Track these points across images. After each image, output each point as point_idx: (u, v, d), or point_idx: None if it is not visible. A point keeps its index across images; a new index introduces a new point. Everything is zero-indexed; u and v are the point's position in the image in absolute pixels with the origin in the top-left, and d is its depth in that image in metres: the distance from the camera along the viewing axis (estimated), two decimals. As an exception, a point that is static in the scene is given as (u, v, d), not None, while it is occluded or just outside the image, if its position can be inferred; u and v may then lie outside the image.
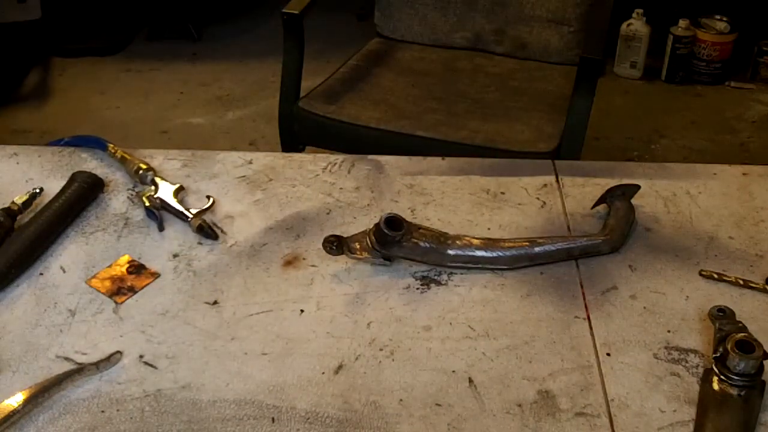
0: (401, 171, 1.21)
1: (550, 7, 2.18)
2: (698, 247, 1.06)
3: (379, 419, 0.83)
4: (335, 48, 2.93)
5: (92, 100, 3.13)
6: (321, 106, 1.94)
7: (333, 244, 1.00)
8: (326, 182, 1.19)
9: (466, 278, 1.01)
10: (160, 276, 1.02)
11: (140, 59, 3.41)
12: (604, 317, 0.95)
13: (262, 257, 1.05)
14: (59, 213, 1.08)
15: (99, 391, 0.86)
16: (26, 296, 0.99)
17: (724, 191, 1.17)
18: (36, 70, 3.33)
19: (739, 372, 0.83)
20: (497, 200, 1.15)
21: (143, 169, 1.17)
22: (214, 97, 3.14)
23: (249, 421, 0.83)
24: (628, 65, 3.19)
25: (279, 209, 1.14)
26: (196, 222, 1.09)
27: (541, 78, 2.13)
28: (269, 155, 1.25)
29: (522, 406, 0.84)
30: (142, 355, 0.90)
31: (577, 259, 1.04)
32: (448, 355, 0.90)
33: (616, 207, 1.09)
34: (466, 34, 2.26)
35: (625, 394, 0.85)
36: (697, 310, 0.96)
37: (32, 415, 0.83)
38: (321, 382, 0.87)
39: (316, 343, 0.92)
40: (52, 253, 1.05)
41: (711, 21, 3.11)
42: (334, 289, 1.00)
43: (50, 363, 0.89)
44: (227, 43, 3.53)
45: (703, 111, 3.00)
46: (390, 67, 2.18)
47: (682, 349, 0.91)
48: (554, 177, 1.20)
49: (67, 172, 1.18)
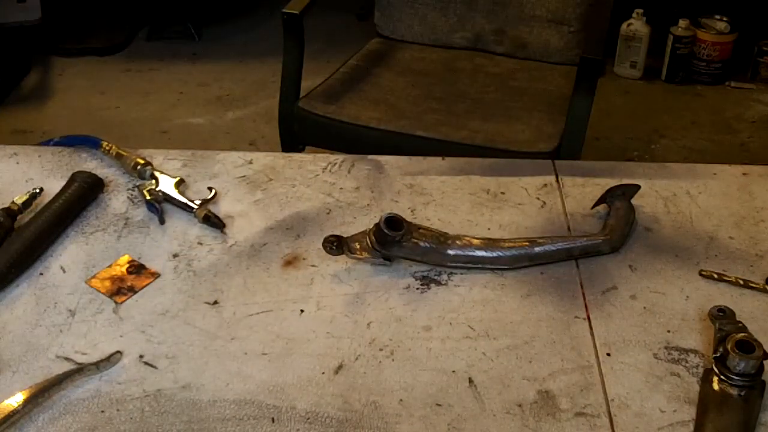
0: (401, 171, 1.21)
1: (550, 7, 2.18)
2: (698, 247, 1.06)
3: (379, 419, 0.83)
4: (335, 48, 2.93)
5: (92, 100, 3.12)
6: (321, 106, 1.94)
7: (333, 244, 1.00)
8: (326, 182, 1.19)
9: (466, 278, 1.01)
10: (160, 276, 1.02)
11: (140, 59, 3.41)
12: (604, 317, 0.95)
13: (262, 257, 1.05)
14: (59, 213, 1.08)
15: (99, 391, 0.86)
16: (26, 296, 0.99)
17: (724, 191, 1.17)
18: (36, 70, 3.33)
19: (739, 372, 0.83)
20: (497, 200, 1.15)
21: (141, 164, 1.17)
22: (214, 97, 3.14)
23: (249, 421, 0.83)
24: (628, 65, 3.19)
25: (279, 209, 1.14)
26: (201, 212, 1.09)
27: (541, 78, 2.13)
28: (269, 155, 1.25)
29: (522, 406, 0.84)
30: (142, 355, 0.90)
31: (577, 259, 1.04)
32: (448, 355, 0.90)
33: (616, 207, 1.09)
34: (466, 34, 2.26)
35: (625, 394, 0.85)
36: (697, 310, 0.96)
37: (32, 415, 0.83)
38: (321, 382, 0.87)
39: (316, 343, 0.92)
40: (52, 253, 1.05)
41: (711, 21, 3.11)
42: (334, 289, 1.00)
43: (50, 363, 0.89)
44: (227, 43, 3.53)
45: (703, 111, 3.00)
46: (390, 67, 2.18)
47: (682, 349, 0.91)
48: (554, 177, 1.20)
49: (67, 172, 1.18)
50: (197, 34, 3.55)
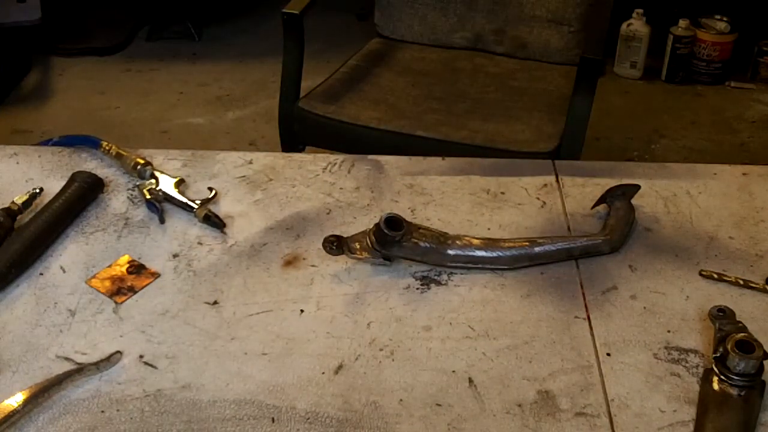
0: (401, 171, 1.21)
1: (550, 7, 2.18)
2: (698, 247, 1.06)
3: (379, 419, 0.83)
4: (335, 48, 2.92)
5: (92, 100, 3.12)
6: (321, 106, 1.94)
7: (333, 244, 1.00)
8: (326, 182, 1.19)
9: (466, 278, 1.01)
10: (160, 276, 1.02)
11: (140, 59, 3.41)
12: (604, 317, 0.95)
13: (262, 257, 1.05)
14: (59, 213, 1.08)
15: (99, 391, 0.86)
16: (26, 296, 0.99)
17: (724, 191, 1.17)
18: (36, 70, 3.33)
19: (739, 372, 0.83)
20: (497, 200, 1.15)
21: (141, 163, 1.17)
22: (214, 97, 3.14)
23: (249, 421, 0.83)
24: (628, 65, 3.19)
25: (279, 209, 1.14)
26: (202, 212, 1.09)
27: (541, 78, 2.13)
28: (269, 155, 1.25)
29: (522, 406, 0.84)
30: (142, 355, 0.90)
31: (577, 259, 1.04)
32: (448, 355, 0.90)
33: (616, 207, 1.09)
34: (466, 34, 2.26)
35: (625, 394, 0.85)
36: (697, 310, 0.96)
37: (32, 415, 0.83)
38: (321, 382, 0.87)
39: (316, 343, 0.92)
40: (52, 253, 1.05)
41: (711, 21, 3.11)
42: (334, 289, 1.00)
43: (50, 363, 0.89)
44: (227, 43, 3.53)
45: (703, 111, 3.00)
46: (390, 67, 2.18)
47: (682, 349, 0.91)
48: (554, 177, 1.20)
49: (67, 172, 1.18)
50: (197, 34, 3.55)
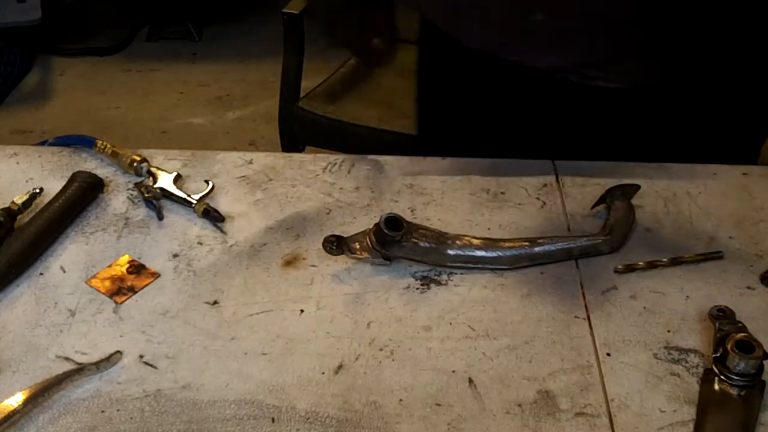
0: (401, 171, 1.21)
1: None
2: (698, 247, 1.06)
3: (379, 419, 0.83)
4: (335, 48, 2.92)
5: (92, 100, 3.13)
6: (321, 106, 1.95)
7: (333, 244, 1.00)
8: (326, 182, 1.19)
9: (466, 278, 1.01)
10: (160, 276, 1.02)
11: (140, 59, 3.41)
12: (604, 317, 0.95)
13: (262, 257, 1.05)
14: (59, 213, 1.08)
15: (99, 391, 0.86)
16: (26, 296, 0.99)
17: (724, 191, 1.17)
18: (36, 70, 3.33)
19: (739, 372, 0.83)
20: (497, 200, 1.15)
21: (137, 161, 1.17)
22: (214, 97, 3.14)
23: (249, 421, 0.83)
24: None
25: (279, 209, 1.14)
26: (200, 207, 1.09)
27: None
28: (269, 155, 1.25)
29: (522, 406, 0.84)
30: (142, 355, 0.90)
31: (577, 259, 1.04)
32: (448, 355, 0.90)
33: (616, 207, 1.09)
34: (466, 34, 2.25)
35: (625, 394, 0.85)
36: (697, 310, 0.96)
37: (32, 415, 0.83)
38: (321, 382, 0.87)
39: (316, 343, 0.92)
40: (52, 253, 1.05)
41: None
42: (334, 289, 1.00)
43: (50, 363, 0.89)
44: (227, 43, 3.53)
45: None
46: (390, 67, 2.18)
47: (682, 349, 0.91)
48: (554, 177, 1.20)
49: (67, 172, 1.18)
50: (197, 34, 3.56)
